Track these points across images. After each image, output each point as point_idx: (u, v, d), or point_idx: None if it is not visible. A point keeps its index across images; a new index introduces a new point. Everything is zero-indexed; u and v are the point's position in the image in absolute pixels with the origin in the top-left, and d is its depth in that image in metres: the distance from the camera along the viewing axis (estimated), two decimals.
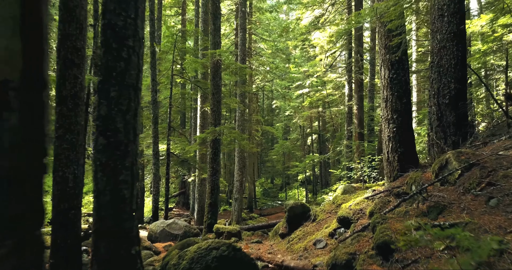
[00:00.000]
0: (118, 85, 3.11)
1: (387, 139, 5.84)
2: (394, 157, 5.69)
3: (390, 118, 5.81)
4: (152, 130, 11.70)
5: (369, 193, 5.80)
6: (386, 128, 5.84)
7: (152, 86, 11.79)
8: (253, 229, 11.77)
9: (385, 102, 5.88)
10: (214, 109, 10.49)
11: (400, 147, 5.67)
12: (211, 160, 10.38)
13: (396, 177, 5.71)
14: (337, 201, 7.13)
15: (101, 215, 3.10)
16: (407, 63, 5.85)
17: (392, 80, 5.83)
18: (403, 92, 5.78)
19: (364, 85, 17.70)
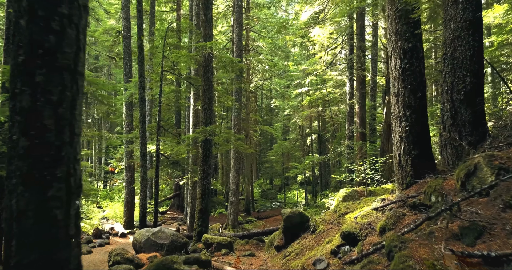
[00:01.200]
0: (46, 67, 2.28)
1: (398, 140, 5.01)
2: (407, 160, 4.87)
3: (402, 115, 4.99)
4: (139, 130, 10.87)
5: (378, 203, 4.98)
6: (398, 127, 5.02)
7: (140, 82, 10.97)
8: (248, 236, 10.95)
9: (396, 96, 5.06)
10: (205, 107, 9.67)
11: (414, 149, 4.85)
12: (202, 162, 9.56)
13: (410, 184, 4.88)
14: (339, 209, 6.30)
15: (22, 243, 2.27)
16: (422, 51, 5.03)
17: (405, 71, 5.01)
18: (417, 85, 4.96)
19: (365, 83, 16.88)
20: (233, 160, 17.29)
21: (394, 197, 4.90)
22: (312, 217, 6.53)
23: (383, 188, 11.25)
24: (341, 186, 24.74)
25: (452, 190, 3.95)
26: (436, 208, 3.37)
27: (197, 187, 9.70)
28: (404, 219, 3.96)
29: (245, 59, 21.55)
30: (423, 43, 5.40)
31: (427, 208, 4.06)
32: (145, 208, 10.70)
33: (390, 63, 5.26)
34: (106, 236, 13.80)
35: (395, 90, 5.11)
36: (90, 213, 16.99)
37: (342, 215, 6.01)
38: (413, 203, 4.22)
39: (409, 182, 4.89)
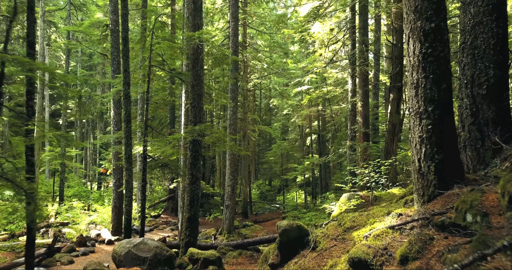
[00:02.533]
0: None
1: (417, 142, 4.10)
2: (430, 167, 3.96)
3: (423, 111, 4.07)
4: (124, 130, 9.95)
5: (393, 219, 4.06)
6: (417, 126, 4.11)
7: (124, 78, 10.05)
8: (242, 246, 10.03)
9: (415, 88, 4.14)
10: (194, 104, 8.75)
11: (438, 153, 3.94)
12: (191, 165, 8.64)
13: (433, 196, 3.97)
14: (344, 223, 5.39)
15: None
16: (447, 33, 4.12)
17: (426, 57, 4.09)
18: (441, 74, 4.04)
19: (368, 80, 15.96)
20: (229, 161, 16.37)
21: (413, 212, 3.98)
22: (312, 231, 5.61)
23: (390, 193, 10.33)
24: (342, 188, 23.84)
25: (495, 208, 3.04)
26: (484, 239, 2.44)
27: (185, 193, 8.78)
28: (432, 245, 3.04)
29: (241, 55, 20.63)
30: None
31: (461, 229, 3.15)
32: (130, 215, 9.79)
33: (407, 48, 4.35)
34: (91, 244, 12.90)
35: (414, 80, 4.19)
36: (77, 217, 16.06)
37: (348, 230, 5.09)
38: (441, 222, 3.30)
39: (432, 193, 3.97)
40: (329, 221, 9.20)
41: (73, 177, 30.94)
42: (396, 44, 14.10)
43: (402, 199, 7.38)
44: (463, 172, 4.11)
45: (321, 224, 10.45)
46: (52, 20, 27.41)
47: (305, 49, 29.24)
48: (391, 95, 14.25)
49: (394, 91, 14.07)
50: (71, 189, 27.50)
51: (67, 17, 22.13)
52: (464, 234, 3.11)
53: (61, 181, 21.23)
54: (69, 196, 25.69)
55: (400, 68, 13.85)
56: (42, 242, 11.27)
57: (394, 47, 14.28)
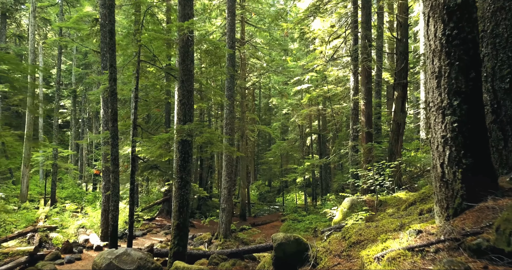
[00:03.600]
0: None
1: (440, 142, 3.38)
2: (455, 173, 3.24)
3: (447, 105, 3.35)
4: (110, 129, 9.22)
5: (411, 237, 3.33)
6: (439, 124, 3.39)
7: (110, 73, 9.32)
8: (237, 255, 9.29)
9: (436, 78, 3.43)
10: (183, 101, 8.04)
11: (466, 156, 3.22)
12: (180, 168, 7.93)
13: (460, 209, 3.25)
14: (349, 236, 4.66)
15: None
16: (475, 11, 3.40)
17: (450, 40, 3.37)
18: (469, 60, 3.32)
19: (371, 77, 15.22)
20: (225, 163, 15.65)
21: (436, 229, 3.26)
22: (313, 245, 4.88)
23: (396, 198, 9.61)
24: (343, 190, 23.09)
25: None
26: None
27: (173, 198, 8.07)
28: None
29: (239, 52, 19.92)
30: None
31: (505, 257, 2.43)
32: (116, 221, 9.07)
33: (425, 30, 3.63)
34: (78, 250, 12.18)
35: (435, 69, 3.47)
36: (66, 221, 15.34)
37: (354, 246, 4.37)
38: (476, 246, 2.58)
39: (459, 206, 3.25)
40: (332, 229, 8.49)
41: (67, 178, 30.25)
42: (401, 39, 13.38)
43: (412, 206, 6.66)
44: (496, 180, 3.39)
45: (322, 231, 9.73)
46: (45, 17, 26.72)
47: (305, 47, 28.53)
48: (395, 93, 13.53)
49: (399, 89, 13.35)
50: (65, 191, 26.79)
51: (60, 13, 21.43)
52: (509, 263, 2.40)
53: (53, 183, 20.51)
54: (63, 197, 24.98)
55: (405, 65, 13.13)
56: (24, 249, 10.56)
57: (398, 42, 13.56)
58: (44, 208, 19.90)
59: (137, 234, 15.59)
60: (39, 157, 21.10)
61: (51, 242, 12.99)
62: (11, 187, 24.41)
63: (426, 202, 6.30)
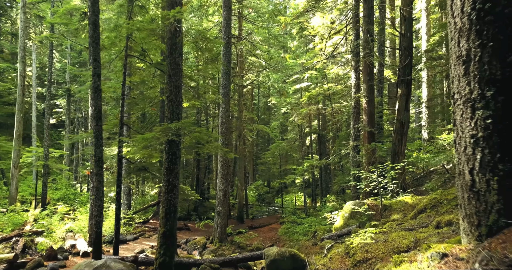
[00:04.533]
0: None
1: (468, 143, 2.70)
2: (489, 182, 2.56)
3: (478, 97, 2.68)
4: (93, 128, 8.56)
5: (434, 262, 2.67)
6: (467, 120, 2.71)
7: (94, 68, 8.66)
8: (230, 263, 8.62)
9: (464, 63, 2.75)
10: (171, 98, 7.37)
11: (503, 161, 2.55)
12: (167, 171, 7.26)
13: (497, 228, 2.58)
14: (353, 252, 4.00)
15: None
16: None
17: (482, 16, 2.69)
18: (506, 40, 2.64)
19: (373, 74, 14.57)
20: (221, 164, 14.99)
21: (466, 253, 2.59)
22: (311, 261, 4.22)
23: (401, 202, 8.94)
24: (344, 191, 22.44)
25: None
26: None
27: (160, 203, 7.41)
28: None
29: (235, 47, 19.24)
30: None
31: None
32: (99, 227, 8.41)
33: (450, 5, 2.96)
34: (64, 256, 11.48)
35: (462, 52, 2.80)
36: (54, 225, 14.66)
37: (360, 264, 3.71)
38: None
39: (495, 223, 2.58)
40: (333, 237, 7.82)
41: (61, 179, 29.60)
42: (405, 34, 12.73)
43: (422, 214, 6.00)
44: None
45: (322, 238, 9.06)
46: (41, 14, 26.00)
47: (304, 45, 27.85)
48: (399, 91, 12.88)
49: (403, 86, 12.70)
50: (59, 192, 26.13)
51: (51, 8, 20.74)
52: None
53: (44, 184, 19.83)
54: (56, 199, 24.35)
55: (409, 61, 12.48)
56: (2, 256, 9.87)
57: (402, 37, 12.91)
58: (34, 210, 19.23)
59: (128, 238, 14.91)
60: (29, 157, 20.42)
61: (35, 248, 12.30)
62: (3, 188, 23.76)
63: (438, 209, 5.64)
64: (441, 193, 6.08)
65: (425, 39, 20.03)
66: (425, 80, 20.35)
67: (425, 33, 20.14)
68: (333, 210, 19.00)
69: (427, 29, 20.06)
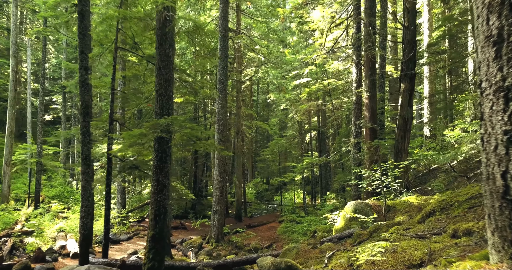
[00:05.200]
0: None
1: (500, 141, 2.24)
2: None
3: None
4: (80, 125, 8.09)
5: None
6: (499, 113, 2.26)
7: (81, 61, 8.19)
8: (225, 267, 8.17)
9: (494, 45, 2.29)
10: (160, 92, 6.89)
11: None
12: (156, 170, 6.79)
13: None
14: (358, 264, 3.53)
15: None
16: None
17: None
18: None
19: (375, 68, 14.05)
20: (217, 161, 14.54)
21: None
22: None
23: (406, 202, 8.47)
24: (344, 190, 22.00)
25: None
26: None
27: (150, 204, 6.95)
28: None
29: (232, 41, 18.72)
30: None
31: None
32: (86, 229, 7.96)
33: None
34: (53, 258, 11.03)
35: (491, 31, 2.33)
36: (44, 225, 14.20)
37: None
38: None
39: None
40: (333, 240, 7.35)
41: (57, 176, 29.13)
42: (409, 27, 12.22)
43: (431, 217, 5.53)
44: None
45: (321, 241, 8.60)
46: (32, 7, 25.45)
47: (304, 40, 27.31)
48: (402, 85, 12.39)
49: (406, 81, 12.20)
50: (54, 189, 25.66)
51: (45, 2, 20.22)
52: None
53: (37, 182, 19.38)
54: (51, 196, 23.89)
55: (413, 54, 11.97)
56: None
57: (406, 30, 12.40)
58: (27, 209, 18.80)
59: (122, 238, 14.47)
60: (22, 155, 19.95)
61: (23, 248, 11.85)
62: None
63: (448, 212, 5.17)
64: (451, 194, 5.61)
65: (427, 34, 19.50)
66: (427, 76, 19.84)
67: (427, 28, 19.60)
68: (333, 208, 18.58)
69: (429, 24, 19.53)
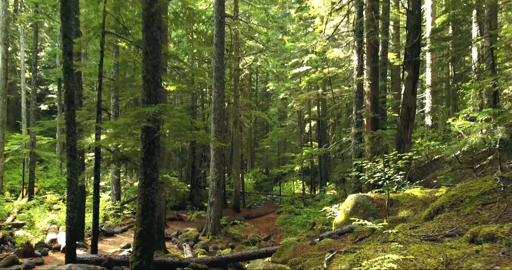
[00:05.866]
0: None
1: None
2: None
3: None
4: (65, 114, 7.61)
5: None
6: None
7: (64, 45, 7.67)
8: (219, 263, 7.78)
9: None
10: (148, 78, 6.39)
11: None
12: (143, 162, 6.33)
13: None
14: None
15: None
16: None
17: None
18: None
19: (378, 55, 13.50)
20: (213, 152, 14.11)
21: None
22: None
23: (410, 196, 8.03)
24: (344, 181, 21.61)
25: None
26: None
27: (137, 198, 6.51)
28: None
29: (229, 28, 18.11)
30: None
31: None
32: (72, 224, 7.54)
33: None
34: (43, 252, 10.64)
35: None
36: (35, 217, 13.82)
37: None
38: None
39: None
40: (333, 235, 6.94)
41: (53, 166, 28.73)
42: (413, 11, 11.64)
43: (440, 214, 5.08)
44: None
45: (320, 236, 8.20)
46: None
47: (304, 27, 26.63)
48: (405, 73, 11.87)
49: (410, 68, 11.68)
50: (49, 180, 25.28)
51: None
52: None
53: (31, 172, 18.97)
54: (47, 187, 23.53)
55: (418, 40, 11.42)
56: None
57: (410, 15, 11.83)
58: (21, 200, 18.43)
59: (116, 231, 14.10)
60: (15, 145, 19.50)
61: (12, 242, 11.47)
62: None
63: (459, 209, 4.73)
64: (461, 188, 5.16)
65: (430, 21, 18.84)
66: (430, 64, 19.26)
67: (430, 15, 18.94)
68: (332, 200, 18.21)
69: (432, 11, 18.87)
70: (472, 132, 7.16)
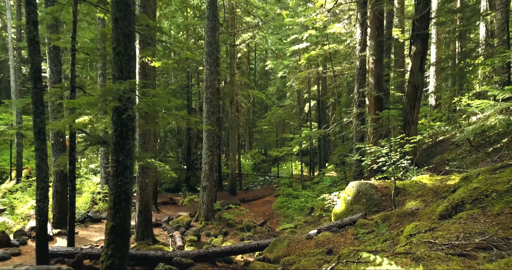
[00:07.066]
0: None
1: None
2: None
3: None
4: (31, 92, 6.72)
5: None
6: None
7: (28, 13, 6.71)
8: (206, 257, 7.06)
9: None
10: (118, 50, 5.46)
11: None
12: (115, 147, 5.49)
13: None
14: None
15: None
16: None
17: None
18: None
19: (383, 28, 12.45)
20: (206, 134, 13.29)
21: None
22: None
23: (418, 183, 7.21)
24: (344, 164, 20.84)
25: None
26: None
27: (108, 189, 5.72)
28: None
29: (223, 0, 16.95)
30: None
31: None
32: (42, 215, 6.81)
33: None
34: (21, 241, 9.99)
35: None
36: (17, 202, 13.11)
37: None
38: None
39: None
40: (332, 228, 6.19)
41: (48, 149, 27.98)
42: None
43: (461, 212, 4.28)
44: None
45: (319, 229, 7.46)
46: None
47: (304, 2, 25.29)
48: (412, 48, 10.87)
49: (418, 42, 10.67)
50: None
51: None
52: None
53: (18, 154, 18.21)
54: None
55: (427, 11, 10.39)
56: None
57: None
58: (8, 183, 17.72)
59: (103, 217, 13.39)
60: (1, 125, 18.66)
61: None
62: None
63: (485, 207, 3.92)
64: (485, 180, 4.33)
65: None
66: (435, 40, 18.14)
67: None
68: (332, 183, 17.50)
69: None
70: (492, 113, 6.30)
